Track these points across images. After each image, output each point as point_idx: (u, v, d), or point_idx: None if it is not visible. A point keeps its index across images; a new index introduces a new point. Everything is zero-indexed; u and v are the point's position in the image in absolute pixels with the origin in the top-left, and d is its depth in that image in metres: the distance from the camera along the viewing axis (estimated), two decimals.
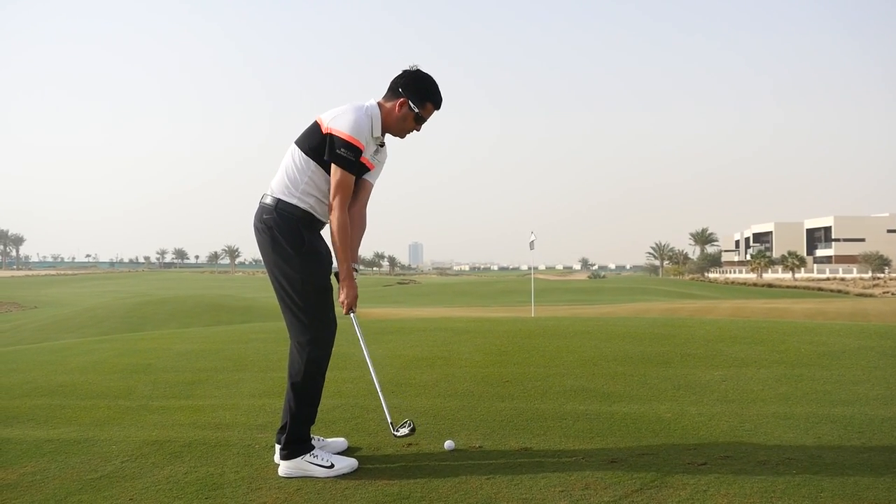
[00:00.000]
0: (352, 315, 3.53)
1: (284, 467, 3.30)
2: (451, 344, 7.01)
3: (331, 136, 3.29)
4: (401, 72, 3.46)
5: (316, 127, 3.38)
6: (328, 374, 3.61)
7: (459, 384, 5.15)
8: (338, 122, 3.30)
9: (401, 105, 3.43)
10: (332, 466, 3.29)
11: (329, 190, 3.36)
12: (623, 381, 5.16)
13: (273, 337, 8.02)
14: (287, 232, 3.34)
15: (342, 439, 3.73)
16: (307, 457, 3.30)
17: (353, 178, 3.36)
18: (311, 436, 3.51)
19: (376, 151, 3.50)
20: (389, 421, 3.53)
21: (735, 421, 4.05)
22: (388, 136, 3.54)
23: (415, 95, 3.43)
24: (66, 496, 3.11)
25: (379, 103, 3.46)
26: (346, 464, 3.33)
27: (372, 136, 3.39)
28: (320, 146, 3.33)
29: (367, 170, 3.49)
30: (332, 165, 3.31)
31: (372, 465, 3.40)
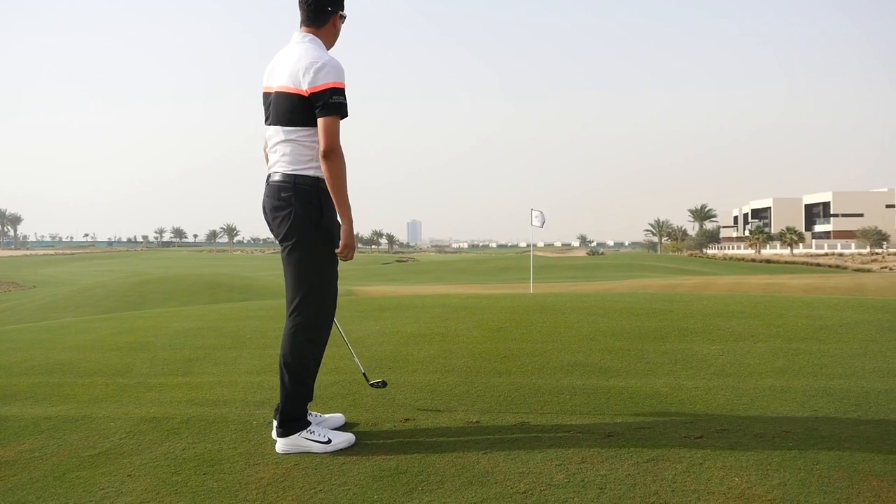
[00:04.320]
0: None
1: (281, 444, 3.30)
2: (448, 320, 7.01)
3: (316, 92, 3.18)
4: None
5: (293, 98, 3.24)
6: (325, 350, 3.60)
7: (457, 360, 5.15)
8: (319, 77, 3.17)
9: (335, 22, 3.42)
10: (329, 442, 3.30)
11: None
12: (620, 356, 5.17)
13: (270, 314, 8.02)
14: (307, 205, 3.27)
15: (339, 415, 3.73)
16: (304, 433, 3.30)
17: (339, 120, 3.24)
18: (309, 412, 3.52)
19: None
20: (363, 372, 4.15)
21: (732, 395, 4.06)
22: None
23: (340, 4, 3.44)
24: (64, 472, 3.12)
25: (313, 34, 3.37)
26: (343, 439, 3.34)
27: None
28: (307, 110, 3.22)
29: None
30: (322, 119, 3.19)
31: (369, 441, 3.41)
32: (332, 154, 3.20)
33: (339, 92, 3.21)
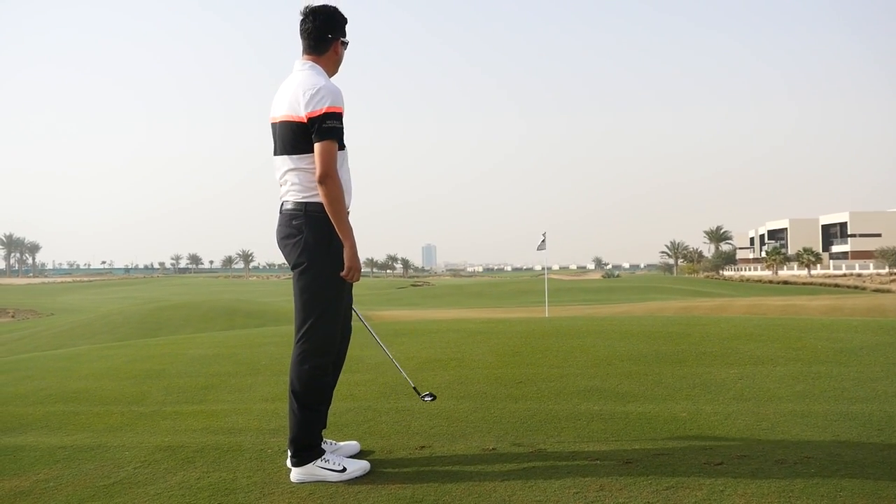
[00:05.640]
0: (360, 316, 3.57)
1: (296, 473, 3.28)
2: (464, 345, 6.98)
3: (312, 118, 3.20)
4: (309, 19, 3.39)
5: (294, 126, 3.27)
6: (340, 377, 3.60)
7: (473, 385, 5.12)
8: (315, 102, 3.20)
9: (336, 49, 3.44)
10: (343, 470, 3.27)
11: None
12: (638, 380, 5.12)
13: (286, 341, 8.01)
14: (317, 232, 3.28)
15: (355, 442, 3.71)
16: (318, 462, 3.28)
17: (336, 145, 3.23)
18: (324, 439, 3.50)
19: None
20: (413, 386, 4.05)
21: (752, 420, 4.01)
22: None
23: (341, 30, 3.45)
24: (79, 503, 3.11)
25: (314, 62, 3.41)
26: (358, 467, 3.31)
27: None
28: (308, 136, 3.23)
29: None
30: (318, 144, 3.20)
31: (385, 469, 3.38)
32: (327, 179, 3.21)
33: (334, 116, 3.22)
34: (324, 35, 3.41)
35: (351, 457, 3.51)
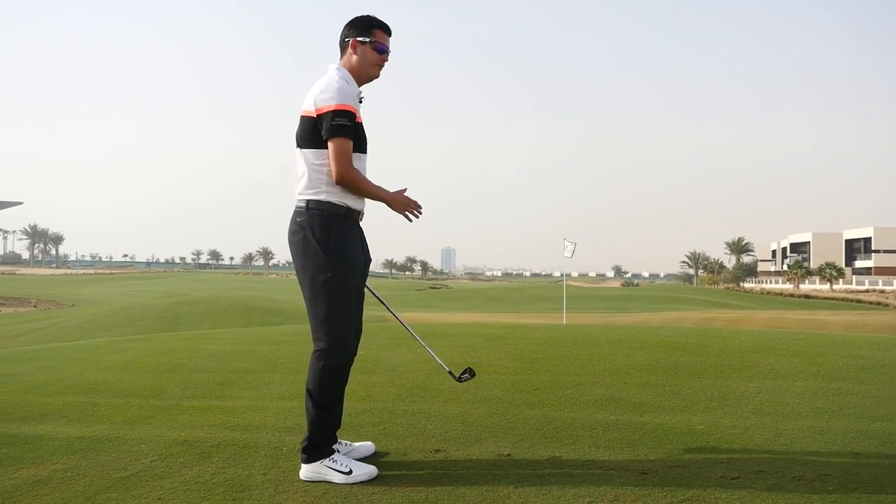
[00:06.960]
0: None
1: (304, 470, 3.30)
2: (481, 350, 6.97)
3: (321, 115, 3.27)
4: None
5: (306, 121, 3.33)
6: (357, 378, 3.61)
7: (489, 390, 5.11)
8: (324, 99, 3.27)
9: (353, 47, 3.46)
10: (350, 472, 3.27)
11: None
12: (655, 391, 5.09)
13: (303, 339, 8.04)
14: (318, 229, 3.30)
15: (370, 443, 3.71)
16: (326, 461, 3.29)
17: (351, 143, 3.29)
18: (339, 440, 3.51)
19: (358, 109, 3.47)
20: (448, 370, 3.95)
21: (770, 434, 3.97)
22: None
23: (360, 31, 3.47)
24: (95, 493, 3.14)
25: (341, 65, 3.48)
26: (365, 471, 3.30)
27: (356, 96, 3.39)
28: (317, 132, 3.30)
29: (364, 136, 3.45)
30: (330, 140, 3.26)
31: (399, 471, 3.38)
32: (344, 180, 3.29)
33: (343, 114, 3.25)
34: (343, 40, 3.50)
35: (364, 459, 3.51)
